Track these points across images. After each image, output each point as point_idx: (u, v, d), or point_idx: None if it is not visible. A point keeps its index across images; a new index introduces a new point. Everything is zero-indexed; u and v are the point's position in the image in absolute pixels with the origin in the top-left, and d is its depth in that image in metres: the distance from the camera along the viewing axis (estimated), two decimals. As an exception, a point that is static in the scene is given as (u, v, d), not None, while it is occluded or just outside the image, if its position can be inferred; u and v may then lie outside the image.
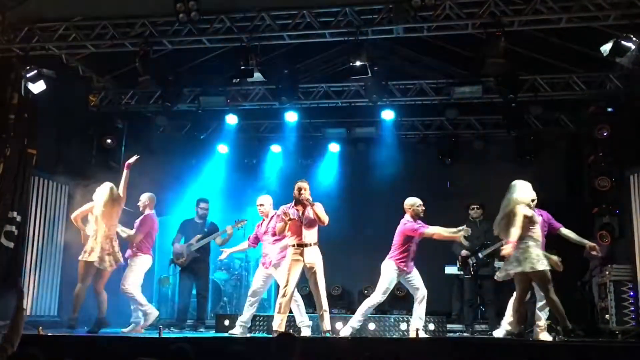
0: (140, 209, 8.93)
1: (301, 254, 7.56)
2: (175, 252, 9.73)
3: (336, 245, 12.65)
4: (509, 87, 9.68)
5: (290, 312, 7.95)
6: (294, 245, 7.63)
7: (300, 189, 7.59)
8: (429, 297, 8.09)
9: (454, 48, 10.72)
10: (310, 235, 7.60)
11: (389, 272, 7.98)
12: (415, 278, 8.06)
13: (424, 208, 8.09)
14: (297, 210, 7.65)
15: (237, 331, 8.25)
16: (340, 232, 12.37)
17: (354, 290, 12.17)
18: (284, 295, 7.56)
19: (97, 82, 10.98)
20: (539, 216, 7.61)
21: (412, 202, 8.11)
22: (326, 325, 7.59)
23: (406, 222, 8.05)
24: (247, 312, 8.33)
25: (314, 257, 7.58)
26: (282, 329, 7.56)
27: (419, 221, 8.05)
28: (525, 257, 7.09)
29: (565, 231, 7.84)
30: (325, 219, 7.59)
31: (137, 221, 8.84)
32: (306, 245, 7.55)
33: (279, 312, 7.59)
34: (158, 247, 11.09)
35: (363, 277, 12.18)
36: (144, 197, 8.95)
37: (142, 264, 8.70)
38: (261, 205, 8.42)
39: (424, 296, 7.97)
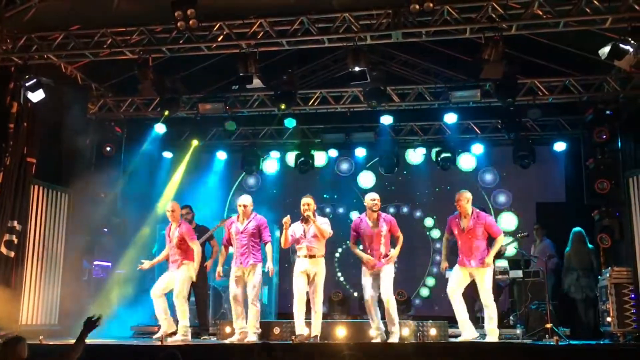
0: (174, 218, 8.61)
1: (306, 265, 7.88)
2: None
3: (336, 250, 12.75)
4: (507, 90, 9.70)
5: (292, 318, 8.11)
6: (299, 257, 7.97)
7: (304, 205, 7.89)
8: (433, 301, 8.07)
9: (452, 53, 10.76)
10: (316, 247, 7.89)
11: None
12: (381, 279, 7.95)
13: (375, 202, 7.95)
14: (303, 224, 7.96)
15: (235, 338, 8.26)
16: (340, 237, 12.43)
17: (354, 296, 12.17)
18: (296, 305, 7.89)
19: (96, 90, 10.99)
20: None
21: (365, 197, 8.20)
22: (314, 330, 7.82)
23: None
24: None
25: (317, 267, 7.87)
26: (304, 334, 7.83)
27: (357, 231, 8.04)
28: None
29: None
30: (326, 233, 7.91)
31: (185, 232, 8.53)
32: (312, 256, 7.87)
33: (296, 320, 7.90)
34: (159, 254, 11.08)
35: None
36: (175, 206, 8.65)
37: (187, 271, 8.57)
38: (245, 205, 8.23)
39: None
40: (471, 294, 9.44)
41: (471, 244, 7.83)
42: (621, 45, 7.79)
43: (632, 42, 7.70)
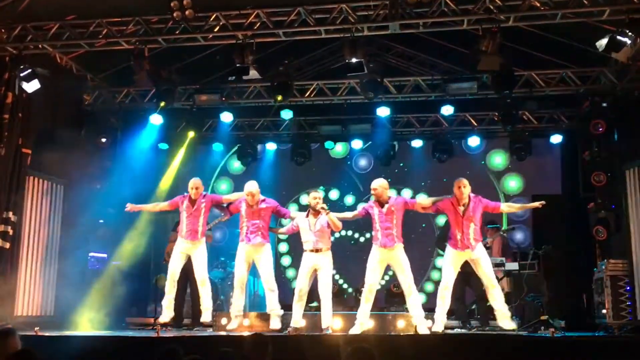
0: (198, 194, 8.49)
1: (313, 259, 8.02)
2: (166, 251, 9.69)
3: (333, 243, 12.73)
4: (504, 83, 9.67)
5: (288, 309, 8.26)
6: (306, 251, 8.08)
7: (315, 198, 8.04)
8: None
9: (449, 44, 10.73)
10: (322, 241, 8.04)
11: None
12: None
13: (375, 192, 7.89)
14: (308, 218, 8.08)
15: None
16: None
17: (352, 287, 12.18)
18: (299, 298, 8.06)
19: (91, 81, 10.93)
20: None
21: None
22: (324, 322, 7.94)
23: None
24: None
25: (323, 261, 8.02)
26: (299, 326, 8.07)
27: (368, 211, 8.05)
28: None
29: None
30: (339, 225, 8.07)
31: (213, 199, 8.59)
32: (318, 250, 8.01)
33: (294, 313, 8.08)
34: (154, 246, 11.08)
35: (360, 275, 12.20)
36: (199, 183, 8.56)
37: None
38: (253, 194, 8.25)
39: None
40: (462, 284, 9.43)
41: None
42: (619, 37, 7.78)
43: (630, 34, 7.69)
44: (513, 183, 12.57)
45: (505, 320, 7.73)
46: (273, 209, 8.36)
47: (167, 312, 8.50)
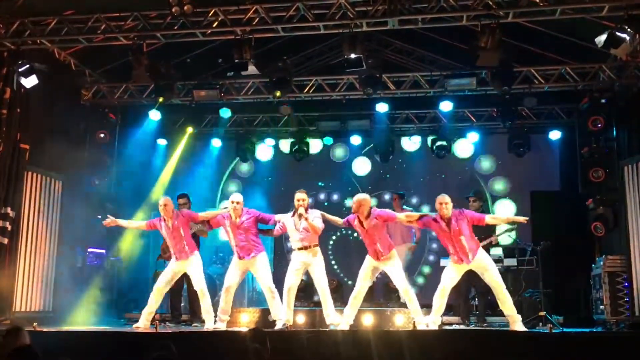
0: (167, 212, 8.30)
1: (302, 257, 8.01)
2: (162, 247, 9.69)
3: (331, 237, 12.74)
4: (503, 79, 9.67)
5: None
6: (294, 250, 8.11)
7: (298, 200, 7.95)
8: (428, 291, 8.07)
9: (448, 40, 10.72)
10: (309, 238, 8.00)
11: None
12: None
13: (353, 206, 7.88)
14: (294, 218, 8.01)
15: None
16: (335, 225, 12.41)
17: (351, 283, 12.17)
18: (288, 293, 8.01)
19: (90, 76, 10.90)
20: None
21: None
22: (330, 319, 8.01)
23: None
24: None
25: (314, 257, 8.00)
26: (290, 322, 8.02)
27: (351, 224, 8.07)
28: None
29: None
30: (318, 229, 7.94)
31: (187, 218, 8.42)
32: (306, 247, 7.99)
33: (287, 308, 8.02)
34: (152, 243, 11.09)
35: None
36: (168, 201, 8.40)
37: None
38: (239, 202, 8.17)
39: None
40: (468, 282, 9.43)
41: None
42: (617, 34, 7.76)
43: (629, 30, 7.68)
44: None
45: (515, 324, 7.69)
46: (256, 219, 8.22)
47: (144, 321, 8.25)
